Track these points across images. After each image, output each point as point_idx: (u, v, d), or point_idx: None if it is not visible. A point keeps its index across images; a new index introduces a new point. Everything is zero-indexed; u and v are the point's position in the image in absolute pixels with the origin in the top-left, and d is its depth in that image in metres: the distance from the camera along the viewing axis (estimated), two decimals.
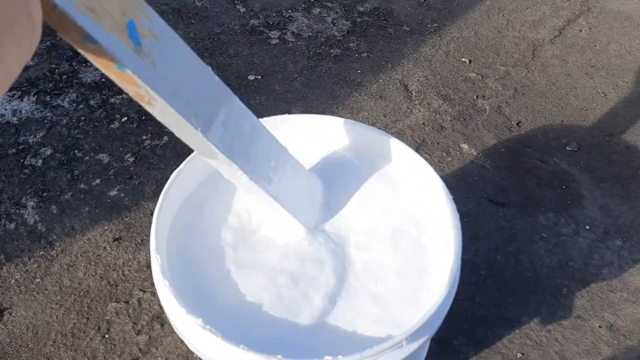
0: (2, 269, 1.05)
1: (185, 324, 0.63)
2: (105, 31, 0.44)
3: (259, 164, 0.65)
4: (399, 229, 0.74)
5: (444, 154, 1.30)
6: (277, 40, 1.57)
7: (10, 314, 1.00)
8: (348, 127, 0.82)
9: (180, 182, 0.75)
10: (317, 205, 0.75)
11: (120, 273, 1.05)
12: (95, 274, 1.05)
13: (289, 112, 1.35)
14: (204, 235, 0.73)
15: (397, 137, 0.78)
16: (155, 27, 0.50)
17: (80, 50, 0.45)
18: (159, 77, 0.50)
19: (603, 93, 1.47)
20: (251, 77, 1.45)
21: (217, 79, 0.59)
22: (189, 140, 0.58)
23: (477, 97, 1.45)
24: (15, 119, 1.31)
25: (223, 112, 0.59)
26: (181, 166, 0.75)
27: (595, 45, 1.62)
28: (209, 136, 0.57)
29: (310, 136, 0.83)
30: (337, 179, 0.79)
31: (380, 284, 0.68)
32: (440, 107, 1.41)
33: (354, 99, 1.42)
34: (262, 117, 0.80)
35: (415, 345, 0.63)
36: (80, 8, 0.41)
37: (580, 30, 1.66)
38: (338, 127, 0.83)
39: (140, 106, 1.42)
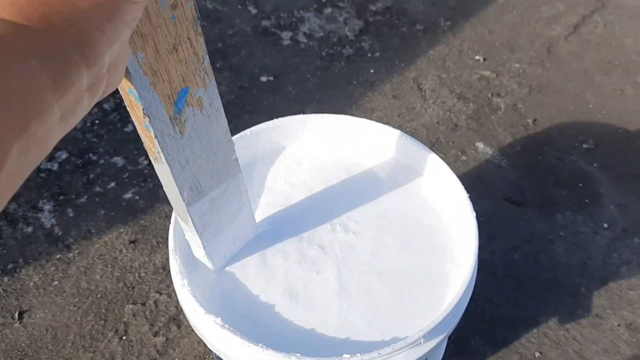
0: (21, 271, 1.07)
1: (204, 324, 0.63)
2: (154, 93, 0.42)
3: (223, 243, 0.64)
4: (415, 229, 0.73)
5: (459, 153, 1.29)
6: (289, 41, 1.57)
7: (30, 316, 1.01)
8: (362, 126, 0.82)
9: None
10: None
11: (137, 275, 1.06)
12: (112, 276, 1.06)
13: (303, 113, 1.35)
14: None
15: (411, 136, 0.78)
16: (207, 97, 0.48)
17: (121, 93, 0.43)
18: (179, 147, 0.48)
19: (620, 90, 1.45)
20: (264, 79, 1.45)
21: (234, 155, 0.57)
22: (171, 200, 0.57)
23: (491, 95, 1.43)
24: None
25: (220, 188, 0.57)
26: None
27: (610, 42, 1.60)
28: (191, 209, 0.56)
29: (324, 136, 0.83)
30: (351, 179, 0.79)
31: (399, 282, 0.68)
32: (454, 105, 1.40)
33: (368, 98, 1.42)
34: (275, 118, 0.80)
35: (432, 343, 0.63)
36: (143, 68, 0.40)
37: (596, 27, 1.65)
38: (351, 126, 0.82)
39: None
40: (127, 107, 0.45)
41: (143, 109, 0.42)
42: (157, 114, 0.44)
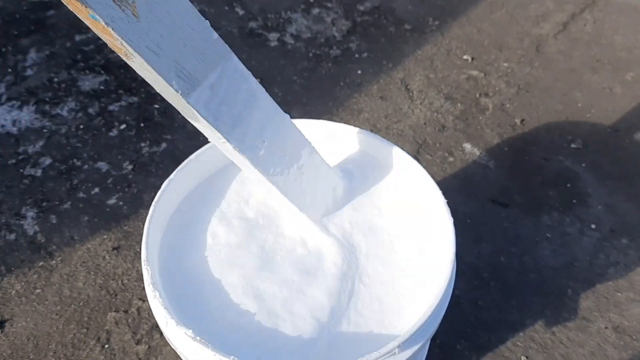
0: (2, 280, 1.06)
1: (176, 335, 0.63)
2: None
3: (249, 133, 0.59)
4: (395, 234, 0.73)
5: (446, 154, 1.28)
6: (276, 43, 1.56)
7: (11, 325, 1.00)
8: (343, 132, 0.81)
9: (171, 191, 0.74)
10: (322, 193, 0.70)
11: (120, 282, 1.05)
12: (95, 284, 1.05)
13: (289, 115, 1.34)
14: (197, 243, 0.72)
15: (397, 138, 0.77)
16: None
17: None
18: (140, 31, 0.45)
19: (609, 88, 1.45)
20: None
21: (215, 35, 0.53)
22: (170, 99, 0.54)
23: (479, 95, 1.42)
24: (15, 129, 1.31)
25: (214, 73, 0.54)
26: (172, 175, 0.74)
27: (600, 40, 1.59)
28: (191, 100, 0.52)
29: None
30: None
31: (376, 289, 0.67)
32: (442, 106, 1.39)
33: (355, 100, 1.41)
34: None
35: (408, 352, 0.62)
36: None
37: (585, 24, 1.64)
38: (333, 131, 0.82)
39: (138, 113, 1.41)
40: (68, 5, 0.42)
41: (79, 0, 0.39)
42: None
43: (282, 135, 0.63)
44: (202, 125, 0.56)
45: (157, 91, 0.53)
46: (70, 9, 0.42)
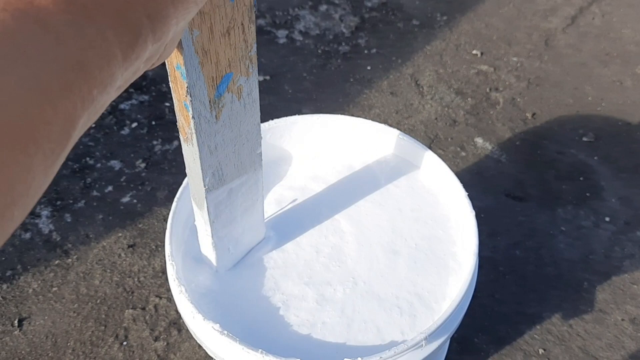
0: (19, 278, 1.06)
1: (203, 330, 0.63)
2: (200, 73, 0.43)
3: (231, 235, 0.64)
4: (415, 229, 0.73)
5: (458, 149, 1.28)
6: (285, 40, 1.56)
7: (29, 323, 1.00)
8: (358, 126, 0.81)
9: None
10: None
11: (136, 280, 1.05)
12: (111, 281, 1.05)
13: (300, 112, 1.34)
14: None
15: (409, 133, 0.77)
16: (247, 86, 0.49)
17: (167, 66, 0.44)
18: (211, 131, 0.49)
19: (619, 81, 1.44)
20: (260, 78, 1.44)
21: (260, 149, 0.58)
22: (191, 183, 0.57)
23: (490, 89, 1.42)
24: None
25: (240, 180, 0.58)
26: None
27: (609, 33, 1.59)
28: (210, 196, 0.56)
29: (320, 136, 0.82)
30: (350, 180, 0.78)
31: (398, 284, 0.67)
32: (452, 101, 1.39)
33: (365, 96, 1.41)
34: (273, 119, 0.79)
35: (434, 345, 0.62)
36: (196, 47, 0.41)
37: (594, 18, 1.63)
38: (348, 125, 0.81)
39: (149, 111, 1.41)
40: (171, 83, 0.45)
41: (187, 87, 0.43)
42: (199, 95, 0.45)
43: (253, 236, 0.68)
44: (200, 213, 0.60)
45: (186, 172, 0.57)
46: (170, 84, 0.46)
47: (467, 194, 0.71)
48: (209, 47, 0.42)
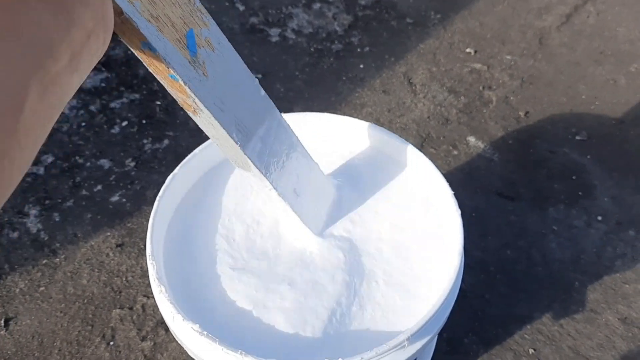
0: (6, 278, 1.05)
1: (183, 330, 0.62)
2: (165, 40, 0.44)
3: (290, 180, 0.65)
4: (401, 228, 0.72)
5: (450, 147, 1.27)
6: (278, 38, 1.55)
7: (16, 323, 0.99)
8: (347, 125, 0.80)
9: (175, 186, 0.73)
10: (326, 212, 0.73)
11: (124, 279, 1.04)
12: (99, 281, 1.04)
13: (291, 111, 1.33)
14: (203, 239, 0.71)
15: (401, 132, 0.76)
16: (213, 36, 0.50)
17: (136, 54, 0.45)
18: (209, 89, 0.50)
19: (613, 80, 1.44)
20: None
21: (262, 92, 0.59)
22: (226, 150, 0.59)
23: (483, 88, 1.42)
24: None
25: (263, 126, 0.59)
26: (176, 170, 0.74)
27: (603, 32, 1.58)
28: (247, 151, 0.57)
29: (310, 135, 0.82)
30: (335, 178, 0.77)
31: (382, 284, 0.67)
32: (445, 99, 1.38)
33: (357, 94, 1.40)
34: None
35: (417, 345, 0.61)
36: (144, 15, 0.42)
37: (588, 17, 1.63)
38: (336, 125, 0.81)
39: (139, 110, 1.40)
40: (148, 67, 0.46)
41: (162, 57, 0.44)
42: (177, 60, 0.46)
43: (311, 178, 0.70)
44: (252, 175, 0.61)
45: (214, 143, 0.58)
46: (151, 70, 0.47)
47: (453, 192, 0.70)
48: (157, 12, 0.43)
